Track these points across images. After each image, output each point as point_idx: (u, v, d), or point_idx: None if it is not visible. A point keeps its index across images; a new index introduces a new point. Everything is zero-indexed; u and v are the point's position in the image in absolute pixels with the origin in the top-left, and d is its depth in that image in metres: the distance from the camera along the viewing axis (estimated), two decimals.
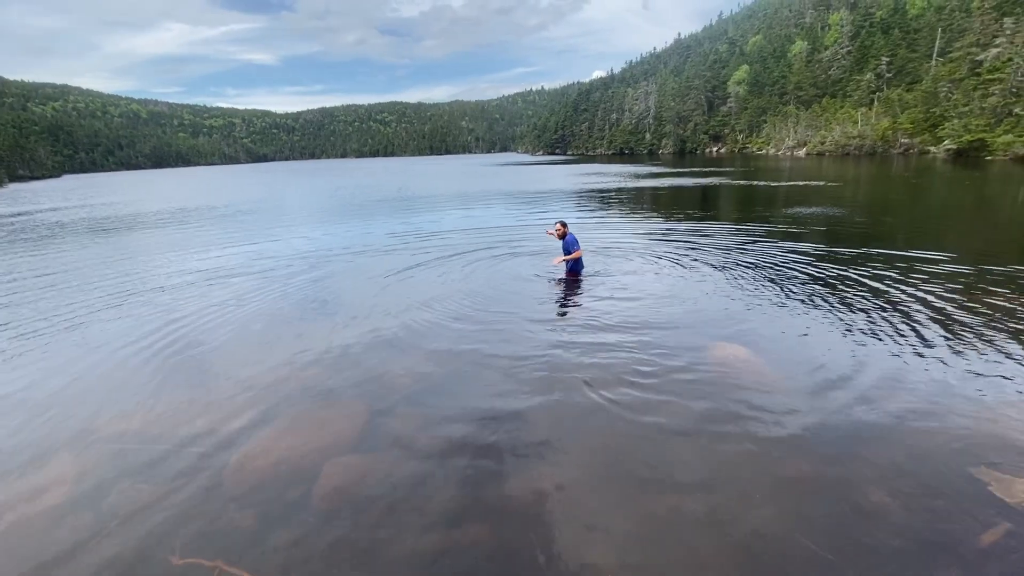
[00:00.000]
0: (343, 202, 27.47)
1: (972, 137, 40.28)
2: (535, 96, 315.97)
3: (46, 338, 6.89)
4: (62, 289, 9.58)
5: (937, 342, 5.41)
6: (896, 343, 5.44)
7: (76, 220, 23.34)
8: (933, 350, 5.23)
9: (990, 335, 5.54)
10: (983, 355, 5.07)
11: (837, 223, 13.48)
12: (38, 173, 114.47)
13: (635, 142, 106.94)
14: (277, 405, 4.72)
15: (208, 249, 13.61)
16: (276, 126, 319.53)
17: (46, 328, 7.30)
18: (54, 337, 6.91)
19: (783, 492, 3.32)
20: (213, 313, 7.60)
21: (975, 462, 3.47)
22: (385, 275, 9.53)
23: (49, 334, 7.04)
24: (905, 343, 5.43)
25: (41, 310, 8.20)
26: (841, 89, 68.77)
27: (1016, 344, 5.28)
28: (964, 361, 4.96)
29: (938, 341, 5.44)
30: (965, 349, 5.22)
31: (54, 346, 6.58)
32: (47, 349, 6.49)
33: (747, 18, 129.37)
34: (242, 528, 3.18)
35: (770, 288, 7.64)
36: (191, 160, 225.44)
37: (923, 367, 4.88)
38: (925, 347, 5.31)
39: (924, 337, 5.55)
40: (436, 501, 3.35)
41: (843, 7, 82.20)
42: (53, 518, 3.40)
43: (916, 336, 5.59)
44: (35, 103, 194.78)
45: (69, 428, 4.52)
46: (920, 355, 5.14)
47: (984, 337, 5.49)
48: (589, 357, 5.41)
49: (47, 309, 8.23)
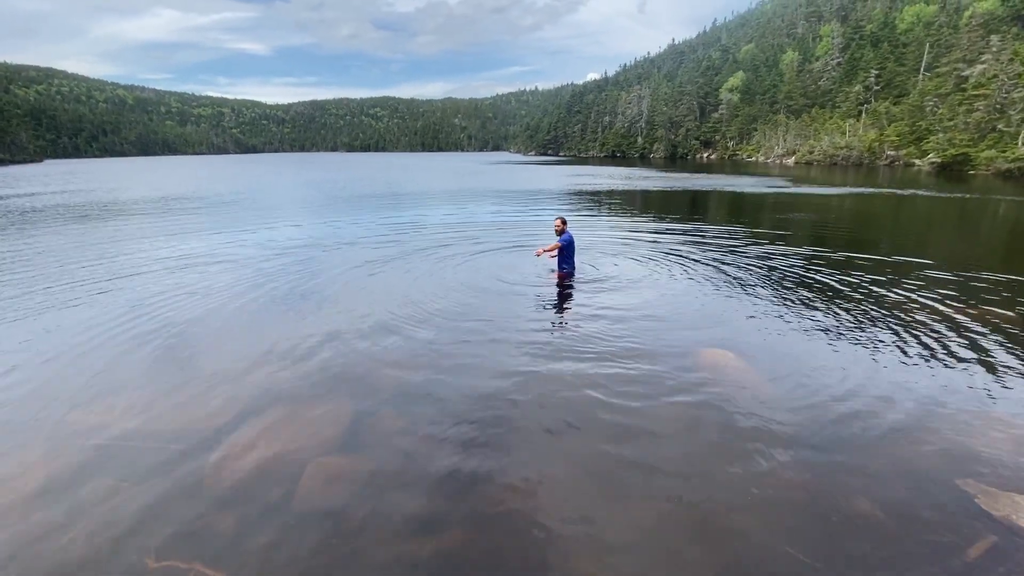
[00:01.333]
0: (331, 195, 27.19)
1: (956, 151, 41.14)
2: (529, 96, 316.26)
3: (19, 326, 6.67)
4: (37, 276, 9.31)
5: (925, 353, 5.47)
6: (885, 353, 5.48)
7: (53, 206, 22.78)
8: (921, 360, 5.28)
9: (980, 346, 5.61)
10: (971, 366, 5.13)
11: (828, 230, 13.65)
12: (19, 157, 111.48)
13: (627, 145, 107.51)
14: (259, 402, 4.61)
15: (191, 240, 13.36)
16: (266, 117, 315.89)
17: (18, 316, 7.07)
18: (27, 325, 6.69)
19: (769, 500, 3.30)
20: (195, 306, 7.43)
21: (961, 474, 3.49)
22: (373, 271, 9.41)
23: (21, 322, 6.82)
24: (893, 353, 5.48)
25: (12, 297, 7.95)
26: (830, 100, 69.76)
27: (1005, 356, 5.35)
28: (952, 372, 5.01)
29: (926, 351, 5.49)
30: (954, 360, 5.28)
31: (27, 334, 6.36)
32: (19, 337, 6.27)
33: (740, 26, 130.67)
34: (221, 530, 3.09)
35: (760, 293, 7.68)
36: (178, 149, 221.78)
37: (911, 377, 4.92)
38: (913, 357, 5.36)
39: (912, 347, 5.61)
40: (420, 505, 3.28)
41: (834, 19, 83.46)
42: (21, 514, 3.26)
43: (904, 346, 5.64)
44: (17, 85, 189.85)
45: (41, 420, 4.36)
46: (908, 365, 5.18)
47: (973, 348, 5.56)
48: (576, 361, 5.38)
49: (20, 296, 7.98)
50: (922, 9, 67.16)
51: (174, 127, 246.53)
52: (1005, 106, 40.20)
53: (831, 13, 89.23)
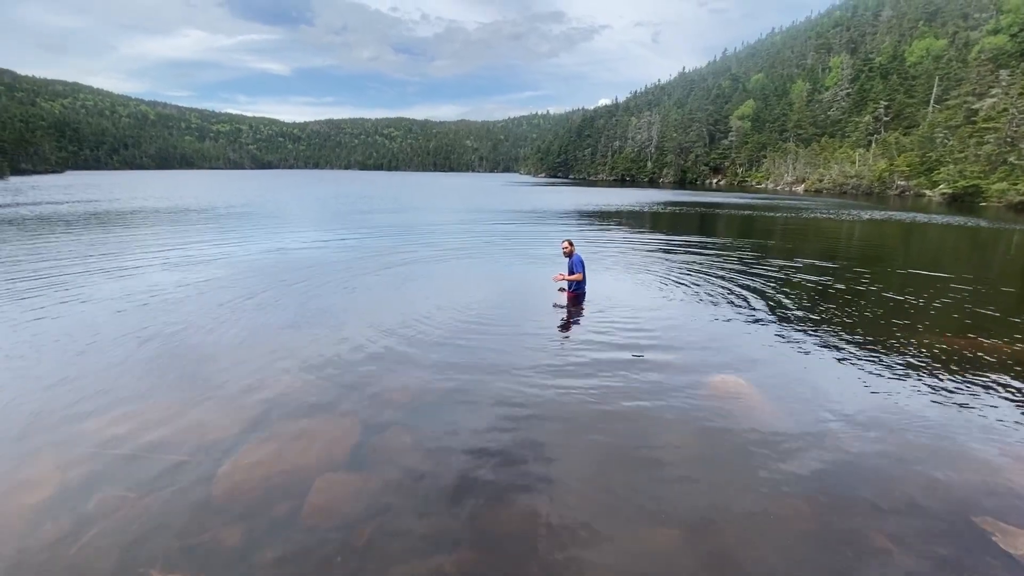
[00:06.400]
0: (342, 210, 27.54)
1: (967, 183, 41.06)
2: (540, 120, 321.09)
3: (32, 331, 6.75)
4: (50, 283, 9.47)
5: (941, 384, 5.39)
6: (900, 382, 5.42)
7: (72, 213, 23.24)
8: (936, 392, 5.21)
9: (998, 378, 5.53)
10: (989, 399, 5.05)
11: (841, 254, 13.58)
12: (41, 167, 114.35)
13: (636, 170, 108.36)
14: (268, 415, 4.63)
15: (203, 250, 13.53)
16: (282, 134, 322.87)
17: (31, 321, 7.18)
18: (39, 332, 6.78)
19: (781, 532, 3.25)
20: (206, 317, 7.50)
21: (978, 511, 3.42)
22: (385, 285, 9.49)
23: (34, 328, 6.92)
24: (909, 382, 5.41)
25: (30, 305, 8.07)
26: (840, 129, 70.24)
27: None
28: (969, 404, 4.94)
29: (942, 383, 5.42)
30: (970, 392, 5.20)
31: (39, 341, 6.45)
32: (32, 343, 6.36)
33: (750, 56, 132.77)
34: (228, 544, 3.08)
35: (771, 317, 7.64)
36: (195, 163, 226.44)
37: (925, 409, 4.85)
38: (929, 388, 5.29)
39: (928, 378, 5.53)
40: (428, 524, 3.25)
41: (844, 51, 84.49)
42: (31, 523, 3.28)
43: (920, 377, 5.57)
44: (44, 99, 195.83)
45: (53, 428, 4.40)
46: (923, 395, 5.11)
47: (991, 380, 5.48)
48: (586, 383, 5.36)
49: (36, 303, 8.11)
50: (931, 43, 67.92)
51: (192, 142, 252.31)
52: (1016, 139, 40.22)
53: (840, 45, 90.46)
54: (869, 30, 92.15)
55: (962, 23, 70.16)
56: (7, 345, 6.36)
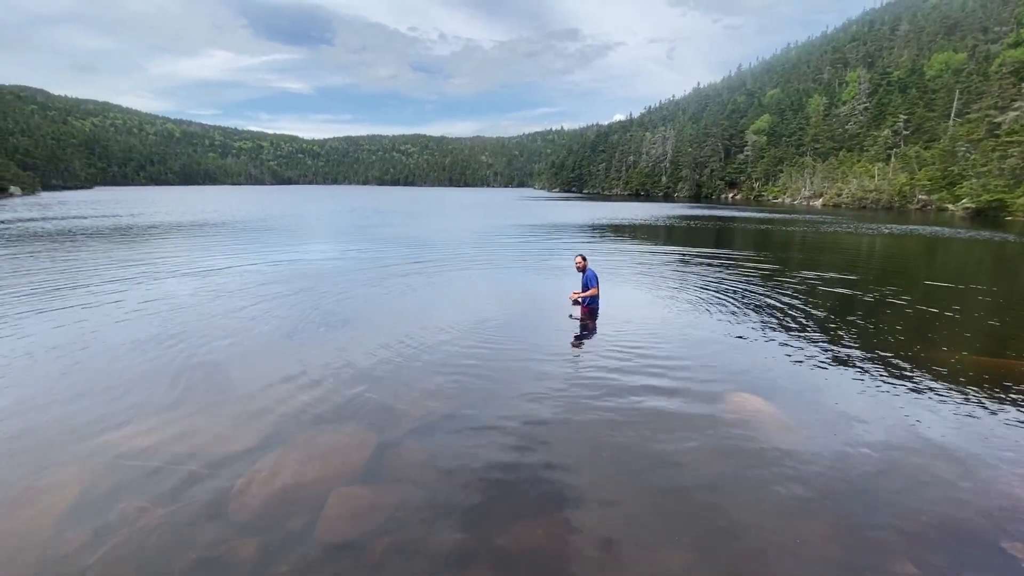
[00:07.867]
0: (358, 223, 27.93)
1: (991, 197, 40.13)
2: (555, 136, 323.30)
3: (54, 341, 6.94)
4: (72, 293, 9.73)
5: (967, 406, 5.24)
6: (924, 402, 5.28)
7: (99, 227, 23.96)
8: (962, 414, 5.06)
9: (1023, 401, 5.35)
10: (1016, 422, 4.89)
11: (862, 267, 13.33)
12: (70, 183, 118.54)
13: (651, 184, 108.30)
14: (285, 428, 4.68)
15: (222, 261, 13.80)
16: (302, 151, 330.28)
17: (53, 332, 7.38)
18: (62, 343, 6.96)
19: (802, 555, 3.16)
20: (225, 328, 7.64)
21: (1007, 537, 3.30)
22: (401, 298, 9.57)
23: (57, 339, 7.10)
24: (933, 403, 5.27)
25: (53, 316, 8.30)
26: (858, 143, 69.45)
27: None
28: (996, 427, 4.78)
29: (968, 405, 5.26)
30: (997, 414, 5.04)
31: (61, 352, 6.62)
32: (54, 354, 6.53)
33: (765, 71, 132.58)
34: (243, 556, 3.10)
35: (789, 332, 7.52)
36: (218, 179, 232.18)
37: (951, 431, 4.71)
38: (954, 410, 5.14)
39: (953, 400, 5.38)
40: (443, 541, 3.24)
41: (860, 65, 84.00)
42: (52, 531, 3.34)
43: (945, 398, 5.42)
44: (75, 117, 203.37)
45: (75, 438, 4.50)
46: (948, 418, 4.97)
47: (1019, 403, 5.31)
48: (602, 399, 5.32)
49: (58, 313, 8.34)
50: (950, 57, 67.22)
51: (216, 159, 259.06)
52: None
53: (857, 59, 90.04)
54: (886, 44, 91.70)
55: (981, 36, 69.46)
56: (29, 352, 6.54)
